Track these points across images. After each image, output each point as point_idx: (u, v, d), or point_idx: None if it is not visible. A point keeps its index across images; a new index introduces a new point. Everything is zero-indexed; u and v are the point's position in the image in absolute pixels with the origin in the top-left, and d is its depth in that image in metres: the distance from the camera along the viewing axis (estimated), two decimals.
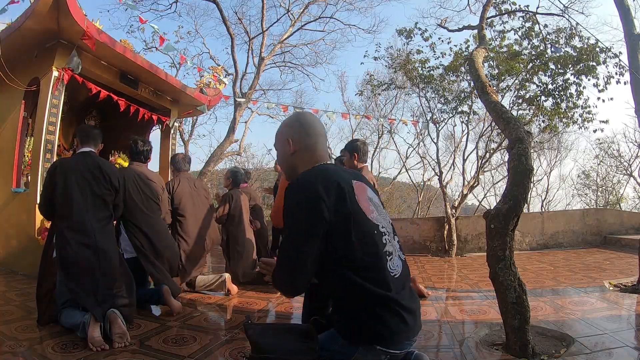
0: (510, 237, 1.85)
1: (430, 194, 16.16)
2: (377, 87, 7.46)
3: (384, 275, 1.17)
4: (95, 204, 2.22)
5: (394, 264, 1.22)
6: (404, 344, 1.21)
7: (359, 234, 1.16)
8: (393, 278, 1.19)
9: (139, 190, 2.77)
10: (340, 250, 1.16)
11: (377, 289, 1.14)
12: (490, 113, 2.58)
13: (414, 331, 1.22)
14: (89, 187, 2.22)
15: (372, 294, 1.14)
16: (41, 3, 3.32)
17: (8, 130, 4.25)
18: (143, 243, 2.67)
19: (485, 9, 3.71)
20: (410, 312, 1.19)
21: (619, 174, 14.65)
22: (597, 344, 1.84)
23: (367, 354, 1.17)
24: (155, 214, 2.88)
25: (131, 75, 4.76)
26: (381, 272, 1.17)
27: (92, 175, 2.25)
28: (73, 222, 2.14)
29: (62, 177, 2.18)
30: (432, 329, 2.22)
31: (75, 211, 2.14)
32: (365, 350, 1.17)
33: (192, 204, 3.34)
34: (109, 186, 2.29)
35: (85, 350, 1.85)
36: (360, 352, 1.17)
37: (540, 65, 5.57)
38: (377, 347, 1.16)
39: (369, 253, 1.17)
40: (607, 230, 6.01)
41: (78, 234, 2.12)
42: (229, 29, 11.25)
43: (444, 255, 5.72)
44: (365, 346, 1.17)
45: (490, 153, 6.76)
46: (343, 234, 1.15)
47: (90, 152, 2.36)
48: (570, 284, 3.23)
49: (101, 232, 2.19)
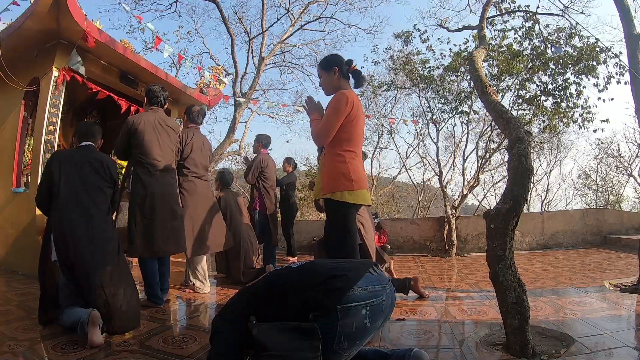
0: (510, 237, 1.85)
1: (430, 194, 16.16)
2: (377, 88, 7.46)
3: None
4: (93, 195, 2.22)
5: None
6: (374, 291, 1.31)
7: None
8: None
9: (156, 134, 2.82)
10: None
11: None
12: (490, 113, 2.58)
13: (372, 280, 1.35)
14: (86, 178, 2.22)
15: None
16: (41, 3, 3.32)
17: (8, 130, 4.25)
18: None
19: (485, 8, 3.71)
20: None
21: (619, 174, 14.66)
22: (597, 344, 1.84)
23: (348, 314, 1.25)
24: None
25: (131, 75, 4.75)
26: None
27: (91, 166, 2.26)
28: (70, 213, 2.13)
29: (58, 168, 2.19)
30: (432, 329, 2.22)
31: (72, 202, 2.14)
32: (344, 312, 1.25)
33: (201, 157, 3.37)
34: (108, 178, 2.30)
35: (86, 350, 1.85)
36: (340, 315, 1.25)
37: (540, 65, 5.57)
38: (352, 304, 1.24)
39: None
40: (607, 230, 6.01)
41: (75, 224, 2.11)
42: (229, 29, 11.25)
43: (444, 255, 5.72)
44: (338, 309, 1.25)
45: (490, 153, 6.76)
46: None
47: (89, 145, 2.37)
48: (570, 284, 3.23)
49: (98, 222, 2.19)
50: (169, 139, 2.91)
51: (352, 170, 2.05)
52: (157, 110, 2.95)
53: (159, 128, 2.84)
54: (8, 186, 4.13)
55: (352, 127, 2.09)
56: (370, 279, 1.38)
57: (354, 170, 2.07)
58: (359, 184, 2.06)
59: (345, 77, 2.21)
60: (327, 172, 2.11)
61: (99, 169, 2.27)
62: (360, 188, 2.08)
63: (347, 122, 2.07)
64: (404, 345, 1.85)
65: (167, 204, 2.77)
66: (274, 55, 12.70)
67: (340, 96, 2.07)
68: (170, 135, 2.93)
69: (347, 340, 1.28)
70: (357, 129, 2.13)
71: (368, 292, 1.33)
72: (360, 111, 2.16)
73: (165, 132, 2.88)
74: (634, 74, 3.69)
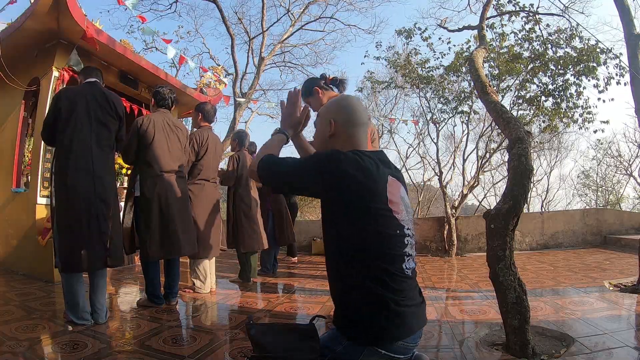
0: (510, 237, 1.85)
1: (430, 194, 16.16)
2: (377, 84, 7.46)
3: (398, 276, 1.14)
4: (98, 130, 2.25)
5: (409, 265, 1.20)
6: (408, 349, 1.18)
7: (379, 227, 1.14)
8: (407, 279, 1.17)
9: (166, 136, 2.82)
10: (353, 238, 1.15)
11: (388, 289, 1.12)
12: (490, 113, 2.58)
13: (419, 335, 1.20)
14: (93, 113, 2.24)
15: (383, 293, 1.12)
16: (41, 3, 3.32)
17: (8, 130, 4.25)
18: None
19: (486, 9, 3.71)
20: (417, 315, 1.17)
21: (619, 174, 14.67)
22: (597, 344, 1.84)
23: (373, 356, 1.13)
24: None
25: (131, 75, 4.76)
26: (397, 271, 1.15)
27: (97, 101, 2.28)
28: (74, 146, 2.17)
29: (66, 102, 2.21)
30: (432, 329, 2.22)
31: (78, 135, 2.18)
32: (370, 353, 1.13)
33: (213, 160, 3.39)
34: (113, 114, 2.32)
35: (86, 350, 1.85)
36: (365, 354, 1.13)
37: (540, 65, 5.57)
38: (382, 351, 1.12)
39: (388, 252, 1.15)
40: (607, 230, 6.01)
41: (78, 158, 2.17)
42: (229, 29, 11.25)
43: (444, 255, 5.72)
44: (370, 348, 1.13)
45: (490, 153, 6.76)
46: (356, 218, 1.15)
47: (95, 81, 2.39)
48: (570, 284, 3.23)
49: (100, 159, 2.24)
50: (178, 140, 2.90)
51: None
52: (165, 112, 2.94)
53: (168, 129, 2.83)
54: (8, 186, 4.13)
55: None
56: (418, 335, 1.23)
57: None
58: None
59: (328, 90, 2.31)
60: None
61: (103, 104, 2.29)
62: None
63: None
64: None
65: (176, 205, 2.76)
66: (274, 55, 12.71)
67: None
68: (179, 137, 2.91)
69: None
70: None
71: (403, 348, 1.17)
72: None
73: (173, 134, 2.87)
74: (634, 74, 3.69)
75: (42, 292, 3.08)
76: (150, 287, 2.69)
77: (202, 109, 3.41)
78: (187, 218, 2.88)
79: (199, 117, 3.41)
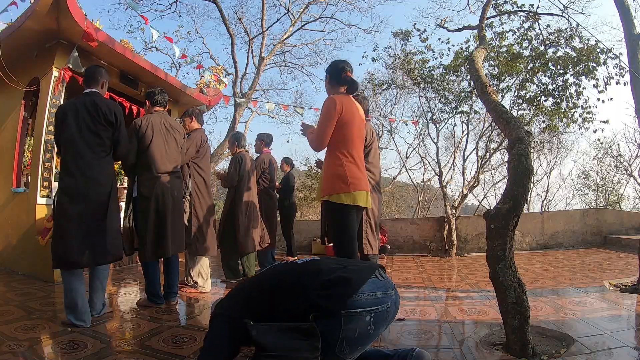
0: (510, 237, 1.85)
1: (430, 194, 16.15)
2: (377, 87, 7.46)
3: None
4: (89, 137, 2.36)
5: None
6: (380, 297, 1.27)
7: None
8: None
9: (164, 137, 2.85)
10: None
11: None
12: (490, 113, 2.58)
13: (389, 284, 1.31)
14: (82, 122, 2.35)
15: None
16: (41, 3, 3.32)
17: (8, 130, 4.25)
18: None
19: (485, 8, 3.71)
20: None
21: (619, 174, 14.66)
22: (597, 344, 1.84)
23: (351, 320, 1.22)
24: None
25: (131, 75, 4.75)
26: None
27: (88, 112, 2.37)
28: (67, 154, 2.32)
29: (60, 114, 2.37)
30: (432, 329, 2.22)
31: (70, 143, 2.32)
32: (348, 318, 1.21)
33: (208, 160, 3.46)
34: (103, 121, 2.40)
35: (86, 350, 1.85)
36: (344, 321, 1.22)
37: (540, 65, 5.57)
38: (357, 310, 1.21)
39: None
40: (607, 230, 6.01)
41: (70, 164, 2.31)
42: (229, 29, 11.25)
43: (444, 255, 5.72)
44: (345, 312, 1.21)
45: (490, 153, 6.76)
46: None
47: (91, 91, 2.48)
48: (570, 284, 3.23)
49: (94, 162, 2.35)
50: (175, 140, 2.92)
51: (348, 173, 2.09)
52: (161, 111, 2.95)
53: (165, 131, 2.84)
54: (8, 186, 4.13)
55: (346, 130, 2.12)
56: (376, 284, 1.34)
57: (351, 172, 2.10)
58: (355, 185, 2.09)
59: (337, 83, 2.21)
60: (325, 175, 2.19)
61: (92, 112, 2.37)
62: (357, 190, 2.10)
63: (340, 126, 2.10)
64: (404, 346, 1.85)
65: (171, 206, 2.78)
66: (274, 55, 12.72)
67: (328, 101, 2.12)
68: (176, 137, 2.93)
69: (349, 346, 1.26)
70: (351, 131, 2.14)
71: (374, 299, 1.29)
72: (355, 115, 2.18)
73: (170, 135, 2.88)
74: (634, 74, 3.69)
75: (42, 292, 3.08)
76: (150, 287, 2.70)
77: (192, 113, 3.47)
78: (179, 219, 2.91)
79: (192, 120, 3.44)
